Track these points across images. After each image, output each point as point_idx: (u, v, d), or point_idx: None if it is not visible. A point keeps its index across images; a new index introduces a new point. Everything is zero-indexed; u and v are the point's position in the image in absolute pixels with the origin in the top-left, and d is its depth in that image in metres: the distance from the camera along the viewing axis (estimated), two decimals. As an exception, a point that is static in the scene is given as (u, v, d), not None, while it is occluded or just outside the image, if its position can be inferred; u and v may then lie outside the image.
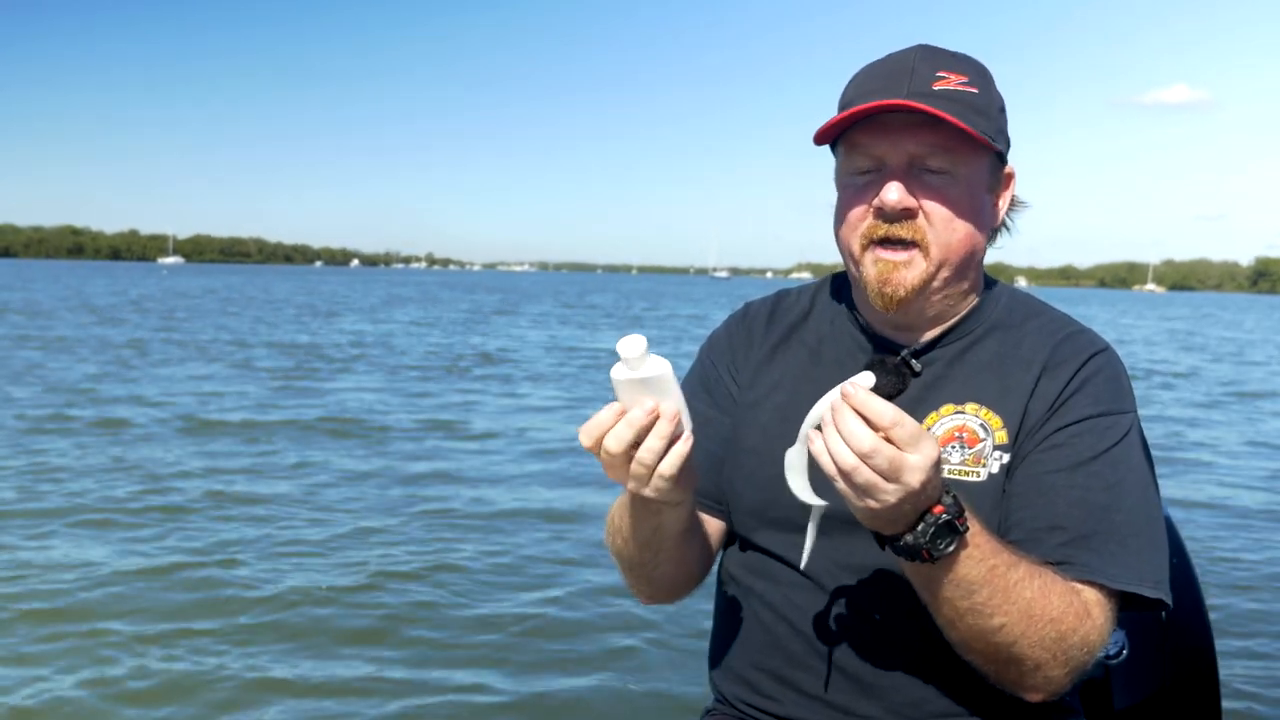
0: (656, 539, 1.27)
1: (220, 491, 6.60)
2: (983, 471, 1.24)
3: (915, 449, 1.02)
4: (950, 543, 1.07)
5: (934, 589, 1.12)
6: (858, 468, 1.01)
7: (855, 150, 1.26)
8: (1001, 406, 1.26)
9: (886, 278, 1.24)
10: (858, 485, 1.02)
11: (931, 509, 1.06)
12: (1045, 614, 1.12)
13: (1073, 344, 1.28)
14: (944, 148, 1.21)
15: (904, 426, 1.01)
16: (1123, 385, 1.27)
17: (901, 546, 1.08)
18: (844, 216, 1.28)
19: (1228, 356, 22.88)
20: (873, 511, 1.04)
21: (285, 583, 4.79)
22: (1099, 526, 1.18)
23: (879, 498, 1.02)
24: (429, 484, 7.10)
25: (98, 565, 4.92)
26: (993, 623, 1.12)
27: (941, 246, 1.23)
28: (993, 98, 1.26)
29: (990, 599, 1.11)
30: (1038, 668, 1.15)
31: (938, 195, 1.23)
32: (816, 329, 1.41)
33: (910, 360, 1.30)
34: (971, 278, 1.31)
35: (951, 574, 1.10)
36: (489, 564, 5.22)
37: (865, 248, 1.26)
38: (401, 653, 4.02)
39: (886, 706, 1.27)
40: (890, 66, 1.25)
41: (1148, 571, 1.18)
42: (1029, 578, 1.12)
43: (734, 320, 1.48)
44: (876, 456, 1.00)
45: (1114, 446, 1.22)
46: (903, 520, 1.06)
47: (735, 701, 1.39)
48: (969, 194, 1.24)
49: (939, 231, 1.23)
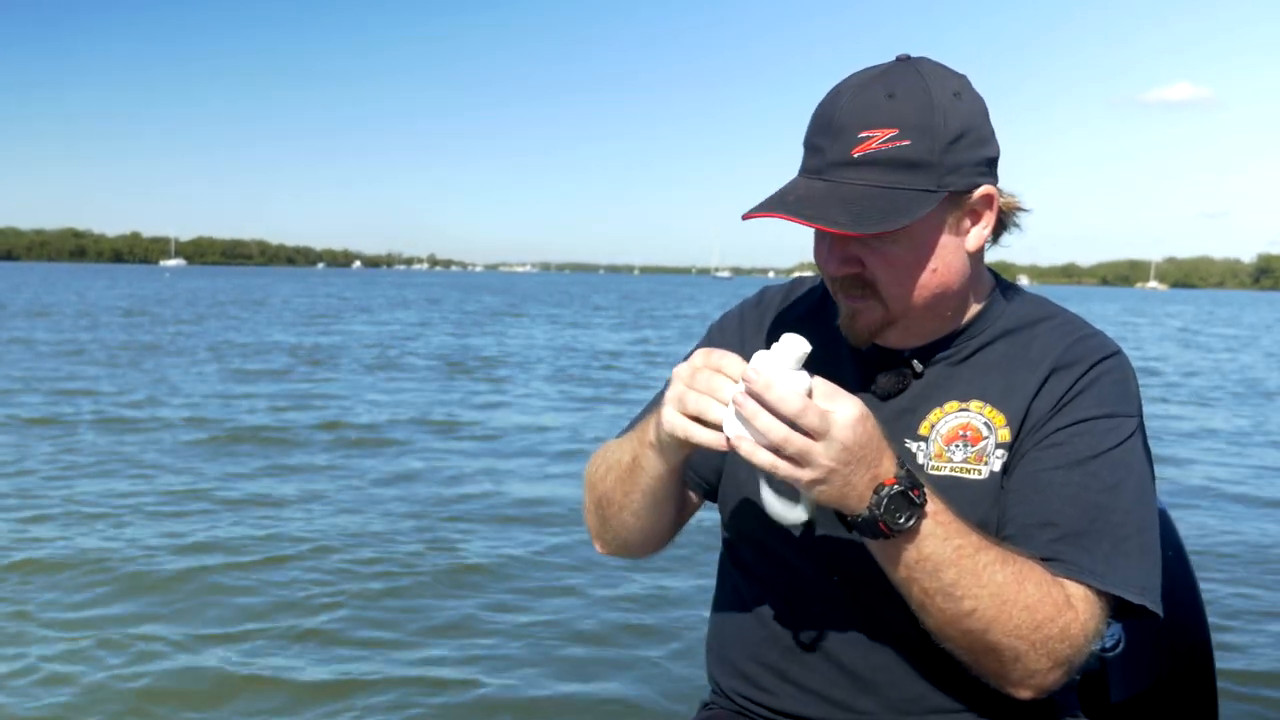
0: (633, 476, 1.28)
1: (228, 493, 6.61)
2: (984, 469, 1.23)
3: (835, 404, 1.03)
4: (909, 516, 1.07)
5: (899, 567, 1.12)
6: (789, 437, 1.02)
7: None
8: (1006, 404, 1.25)
9: (850, 327, 1.25)
10: (791, 455, 1.03)
11: (885, 481, 1.06)
12: (1019, 600, 1.11)
13: (1084, 346, 1.27)
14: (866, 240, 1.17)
15: (819, 387, 1.04)
16: (1129, 389, 1.26)
17: (859, 522, 1.08)
18: (815, 255, 1.27)
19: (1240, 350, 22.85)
20: (816, 483, 1.05)
21: (284, 582, 4.80)
22: (1091, 526, 1.17)
23: (814, 464, 1.03)
24: (430, 483, 7.11)
25: (114, 561, 4.95)
26: (963, 606, 1.11)
27: (898, 299, 1.22)
28: (936, 138, 1.15)
29: (959, 579, 1.10)
30: (1017, 658, 1.14)
31: (880, 257, 1.19)
32: (826, 321, 1.37)
33: (912, 361, 1.29)
34: (955, 301, 1.27)
35: (915, 551, 1.10)
36: (487, 561, 5.22)
37: (834, 287, 1.26)
38: (399, 651, 4.02)
39: (884, 702, 1.27)
40: (821, 122, 1.19)
41: (1135, 576, 1.17)
42: (1000, 562, 1.12)
43: (748, 305, 1.47)
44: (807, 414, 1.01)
45: (1115, 448, 1.21)
46: (854, 495, 1.06)
47: (733, 695, 1.39)
48: (916, 249, 1.19)
49: (889, 288, 1.21)
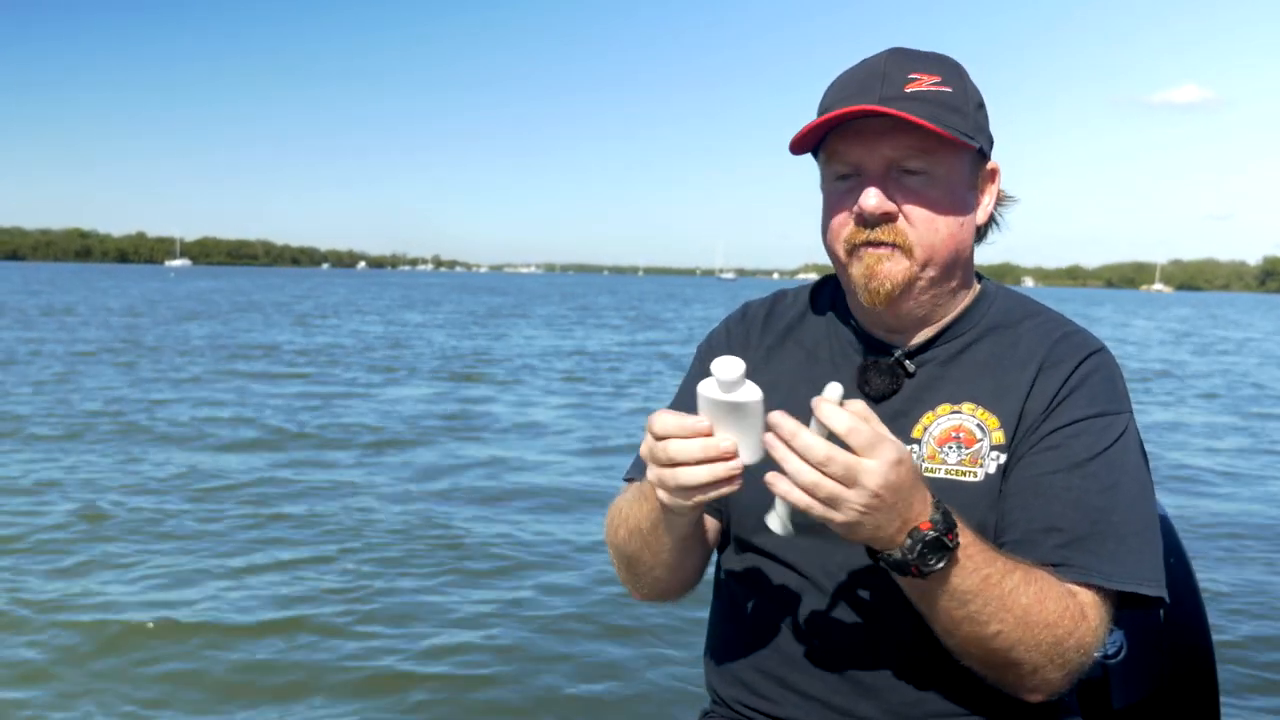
0: (657, 537, 1.27)
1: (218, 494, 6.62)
2: (979, 472, 1.24)
3: (872, 454, 1.01)
4: (940, 559, 1.07)
5: (928, 601, 1.12)
6: (819, 482, 1.01)
7: (834, 158, 1.27)
8: (998, 406, 1.26)
9: (872, 271, 1.24)
10: (822, 499, 1.01)
11: (919, 525, 1.05)
12: (1041, 619, 1.13)
13: (1069, 343, 1.28)
14: (920, 150, 1.22)
15: (861, 433, 1.01)
16: (1118, 386, 1.27)
17: (891, 562, 1.08)
18: (828, 223, 1.30)
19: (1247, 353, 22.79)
20: (848, 526, 1.03)
21: (280, 580, 4.81)
22: (1096, 528, 1.18)
23: (844, 509, 1.02)
24: (428, 485, 7.11)
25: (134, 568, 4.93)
26: (989, 630, 1.12)
27: (924, 247, 1.24)
28: (968, 94, 1.26)
29: (985, 607, 1.11)
30: (1035, 670, 1.16)
31: (917, 197, 1.23)
32: (813, 330, 1.41)
33: (904, 361, 1.30)
34: (959, 276, 1.31)
35: (945, 586, 1.10)
36: (487, 563, 5.23)
37: (850, 252, 1.26)
38: (397, 652, 4.02)
39: (885, 707, 1.27)
40: (862, 73, 1.26)
41: (1146, 571, 1.19)
42: (1024, 584, 1.13)
43: (733, 321, 1.48)
44: (832, 464, 1.00)
45: (1110, 447, 1.22)
46: (885, 537, 1.05)
47: (732, 703, 1.38)
48: (949, 193, 1.24)
49: (920, 232, 1.23)
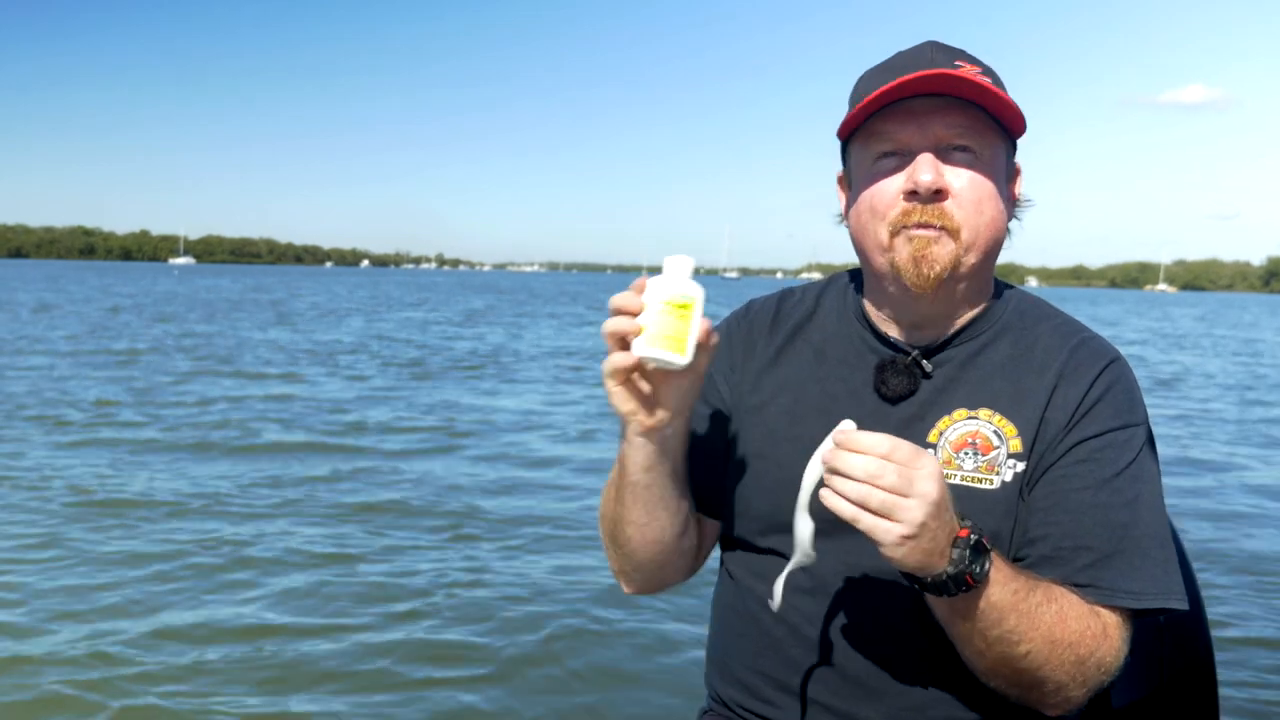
0: (625, 480, 1.26)
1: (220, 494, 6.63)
2: (995, 479, 1.23)
3: (918, 464, 1.03)
4: (984, 562, 1.07)
5: (969, 618, 1.11)
6: (869, 493, 1.02)
7: (878, 138, 1.24)
8: (1016, 413, 1.24)
9: (923, 254, 1.21)
10: (875, 509, 1.02)
11: (959, 533, 1.06)
12: (1065, 638, 1.13)
13: (1086, 350, 1.27)
14: (970, 128, 1.21)
15: (901, 449, 1.03)
16: (1136, 396, 1.26)
17: (944, 578, 1.07)
18: (870, 205, 1.25)
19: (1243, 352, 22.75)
20: (905, 540, 1.03)
21: (278, 580, 4.82)
22: (1121, 545, 1.18)
23: (902, 516, 1.02)
24: (428, 483, 7.10)
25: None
26: (1019, 649, 1.12)
27: (971, 229, 1.22)
28: (1003, 90, 1.24)
29: (1018, 625, 1.11)
30: (1059, 689, 1.16)
31: (966, 177, 1.22)
32: (822, 329, 1.38)
33: (921, 361, 1.28)
34: (988, 272, 1.29)
35: (985, 601, 1.10)
36: (484, 565, 5.21)
37: (895, 234, 1.23)
38: (395, 652, 4.02)
39: (887, 710, 1.26)
40: (905, 59, 1.25)
41: (1172, 585, 1.19)
42: (1047, 601, 1.13)
43: (734, 319, 1.45)
44: (885, 475, 1.01)
45: (1133, 462, 1.21)
46: (936, 549, 1.05)
47: (732, 705, 1.37)
48: (993, 176, 1.24)
49: (968, 213, 1.21)
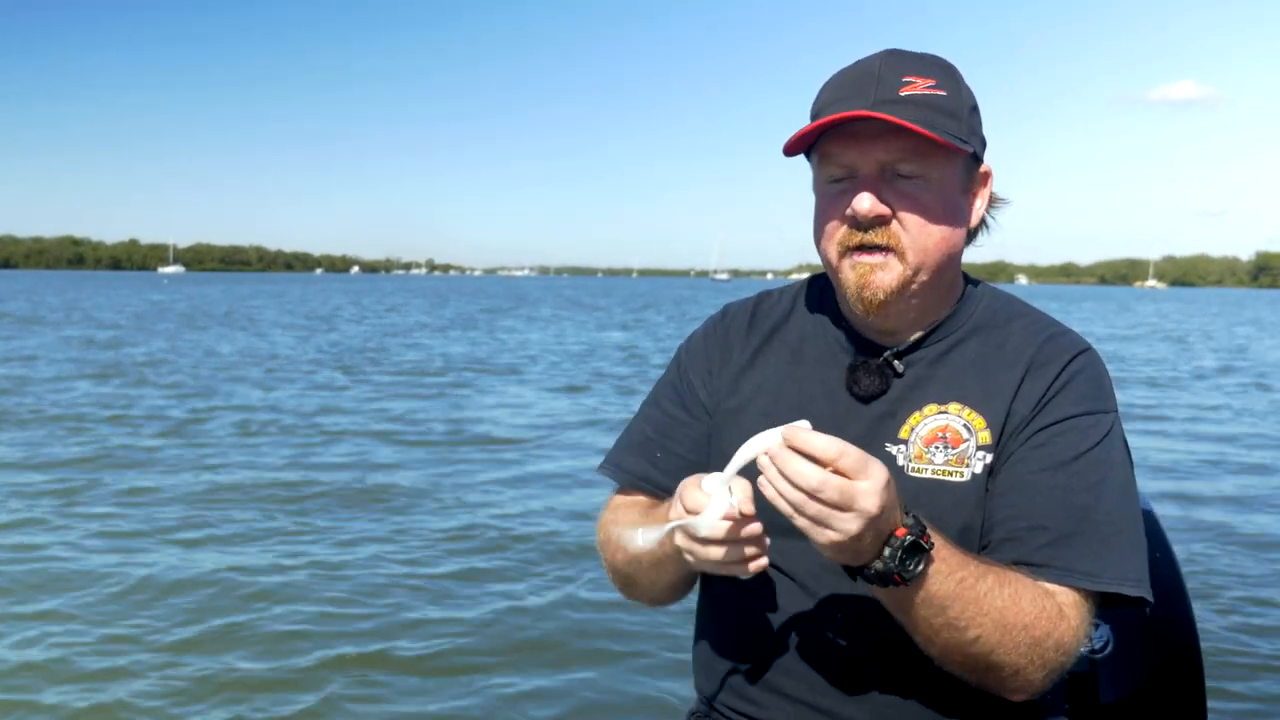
0: (660, 571, 1.30)
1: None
2: (966, 472, 1.24)
3: (864, 475, 1.03)
4: (919, 562, 1.08)
5: (908, 610, 1.13)
6: (805, 501, 1.03)
7: (827, 160, 1.27)
8: (985, 406, 1.26)
9: (865, 281, 1.25)
10: (810, 516, 1.04)
11: (894, 532, 1.07)
12: (1018, 621, 1.14)
13: (1056, 345, 1.29)
14: (913, 153, 1.22)
15: (849, 456, 1.03)
16: (1104, 385, 1.28)
17: (872, 574, 1.09)
18: (821, 226, 1.30)
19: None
20: (836, 544, 1.05)
21: (277, 578, 4.81)
22: (1081, 527, 1.19)
23: (837, 526, 1.03)
24: (426, 484, 7.12)
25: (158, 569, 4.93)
26: (968, 635, 1.13)
27: (917, 251, 1.24)
28: (963, 98, 1.26)
29: (963, 612, 1.12)
30: (1017, 672, 1.17)
31: (910, 200, 1.23)
32: (799, 330, 1.40)
33: (893, 361, 1.31)
34: (950, 278, 1.31)
35: (923, 592, 1.11)
36: (481, 566, 5.23)
37: (842, 255, 1.27)
38: (393, 653, 4.03)
39: (872, 709, 1.27)
40: (857, 74, 1.26)
41: (1130, 570, 1.19)
42: (998, 586, 1.14)
43: (711, 324, 1.47)
44: (825, 490, 1.02)
45: (1096, 446, 1.23)
46: (866, 550, 1.07)
47: (719, 705, 1.38)
48: (942, 197, 1.25)
49: (913, 236, 1.24)
